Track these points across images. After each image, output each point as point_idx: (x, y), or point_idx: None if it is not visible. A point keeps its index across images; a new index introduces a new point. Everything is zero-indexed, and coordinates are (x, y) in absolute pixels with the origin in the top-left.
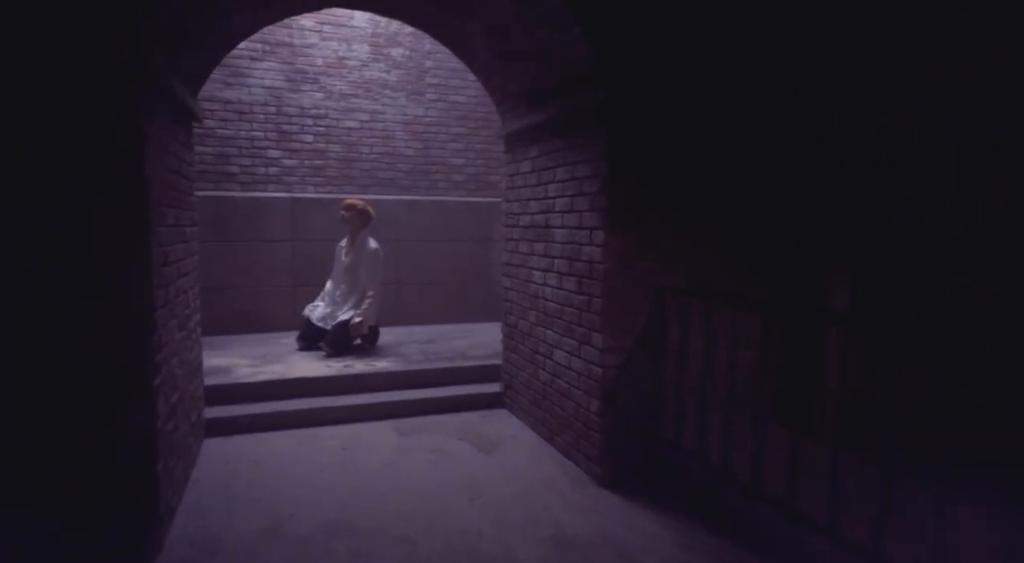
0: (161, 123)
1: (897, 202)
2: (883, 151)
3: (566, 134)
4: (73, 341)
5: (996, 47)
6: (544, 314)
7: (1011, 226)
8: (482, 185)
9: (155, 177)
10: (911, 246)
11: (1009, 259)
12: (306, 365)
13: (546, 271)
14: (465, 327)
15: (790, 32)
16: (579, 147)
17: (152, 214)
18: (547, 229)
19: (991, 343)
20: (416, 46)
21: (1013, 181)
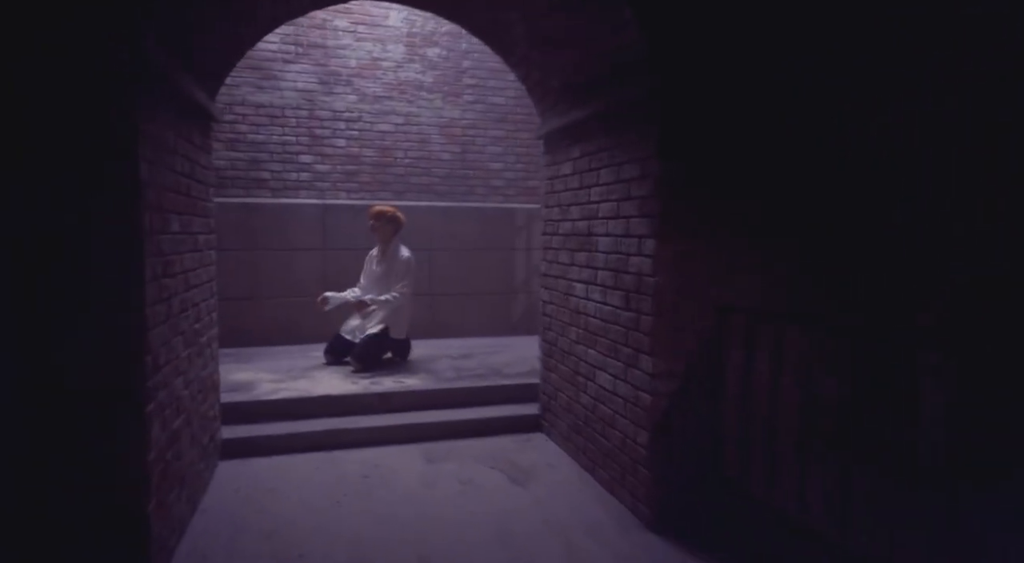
0: (165, 122)
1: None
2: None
3: (612, 131)
4: (58, 366)
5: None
6: (586, 331)
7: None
8: (522, 191)
9: (154, 180)
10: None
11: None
12: (331, 381)
13: (588, 284)
14: (503, 341)
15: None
16: (627, 145)
17: (148, 220)
18: (589, 237)
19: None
20: (453, 45)
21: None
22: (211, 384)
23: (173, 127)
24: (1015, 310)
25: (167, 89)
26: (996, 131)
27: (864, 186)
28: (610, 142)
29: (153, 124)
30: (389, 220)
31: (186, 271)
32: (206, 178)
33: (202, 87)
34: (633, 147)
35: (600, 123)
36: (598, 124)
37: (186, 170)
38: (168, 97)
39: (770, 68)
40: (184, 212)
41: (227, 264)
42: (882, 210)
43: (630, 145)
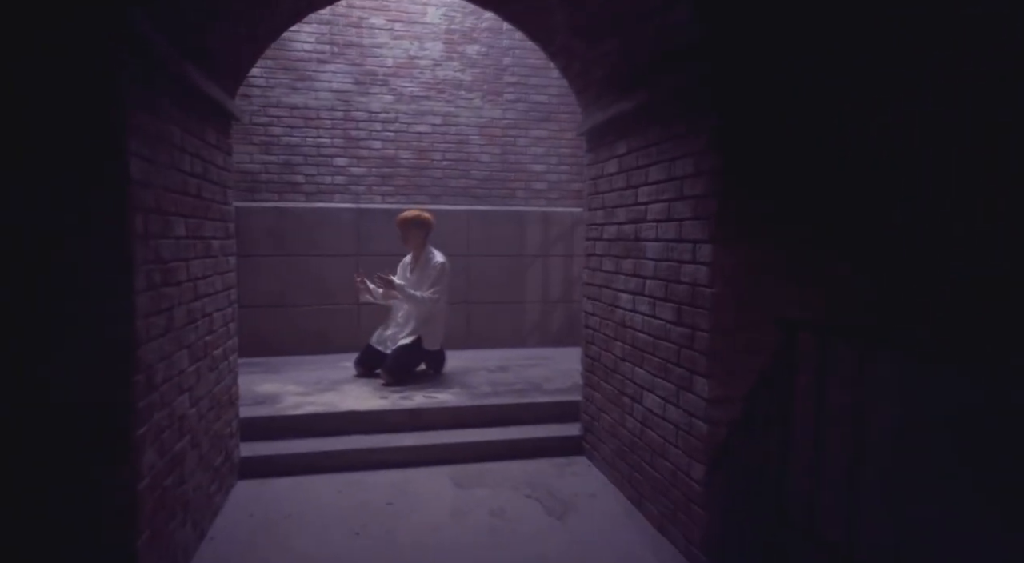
0: (168, 117)
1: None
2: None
3: (662, 123)
4: (43, 383)
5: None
6: (633, 347)
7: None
8: (565, 194)
9: (150, 179)
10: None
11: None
12: (360, 395)
13: (635, 294)
14: (543, 353)
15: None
16: (679, 138)
17: (141, 223)
18: (637, 242)
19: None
20: (494, 42)
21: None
22: (227, 399)
23: (180, 123)
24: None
25: (169, 80)
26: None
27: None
28: (660, 136)
29: (150, 117)
30: (417, 224)
31: (194, 279)
32: (223, 179)
33: (218, 83)
34: (686, 141)
35: (648, 115)
36: (646, 116)
37: (197, 170)
38: (172, 89)
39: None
40: (193, 215)
41: (258, 271)
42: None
43: (682, 138)
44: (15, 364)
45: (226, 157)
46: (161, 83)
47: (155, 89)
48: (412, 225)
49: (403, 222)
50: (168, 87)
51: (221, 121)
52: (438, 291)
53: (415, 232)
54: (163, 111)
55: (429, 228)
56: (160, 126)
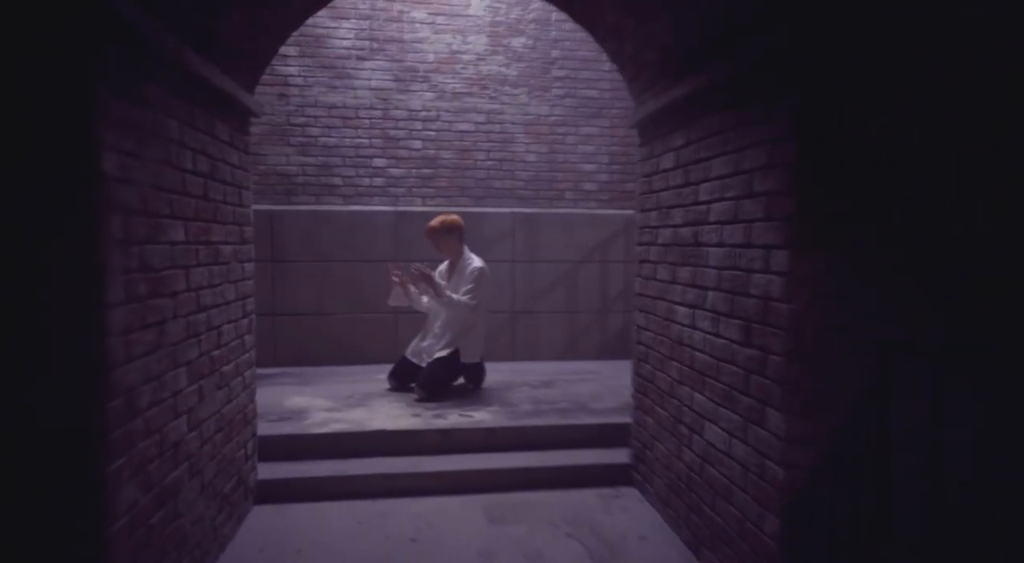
0: (162, 108)
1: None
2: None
3: (727, 108)
4: (11, 414)
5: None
6: (691, 369)
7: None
8: (617, 195)
9: (131, 176)
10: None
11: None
12: (390, 412)
13: (694, 308)
14: (592, 366)
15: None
16: (749, 125)
17: (119, 226)
18: (696, 248)
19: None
20: (541, 34)
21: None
22: (241, 419)
23: (180, 116)
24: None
25: (163, 67)
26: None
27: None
28: (725, 123)
29: (135, 108)
30: (447, 231)
31: (197, 289)
32: (238, 180)
33: (230, 74)
34: (757, 127)
35: (710, 100)
36: (708, 102)
37: (202, 168)
38: (168, 78)
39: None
40: (196, 218)
41: (294, 277)
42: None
43: (753, 125)
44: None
45: (242, 155)
46: (152, 70)
47: (144, 77)
48: (442, 233)
49: (432, 232)
50: (162, 75)
51: (235, 116)
52: (475, 296)
53: (446, 239)
54: (155, 102)
55: (461, 231)
56: (151, 118)
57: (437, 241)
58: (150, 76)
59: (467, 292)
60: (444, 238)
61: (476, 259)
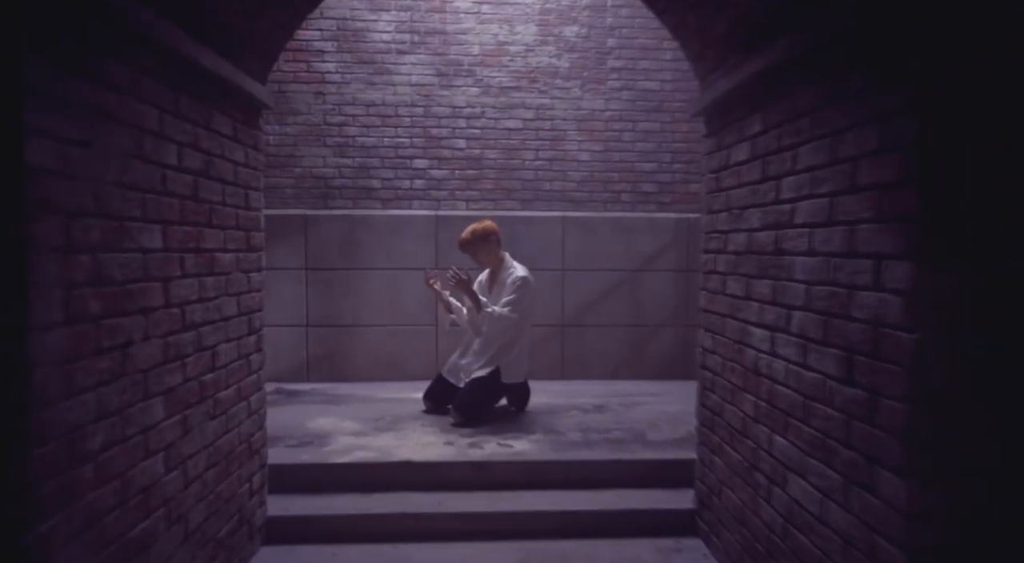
0: (132, 91)
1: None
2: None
3: (821, 80)
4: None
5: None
6: (770, 405)
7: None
8: (679, 197)
9: (74, 170)
10: None
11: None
12: (421, 439)
13: (775, 331)
14: (649, 387)
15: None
16: (850, 99)
17: (53, 230)
18: (778, 257)
19: None
20: (595, 21)
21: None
22: (244, 450)
23: (157, 102)
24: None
25: (129, 38)
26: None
27: None
28: (817, 99)
29: (86, 87)
30: (480, 238)
31: (181, 304)
32: (243, 179)
33: (231, 58)
34: (863, 101)
35: (797, 72)
36: (794, 74)
37: (193, 165)
38: (142, 56)
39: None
40: (180, 221)
41: (328, 286)
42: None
43: (857, 99)
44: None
45: (250, 152)
46: (115, 44)
47: (102, 50)
48: (477, 242)
49: (465, 244)
50: (131, 51)
51: (238, 107)
52: (517, 309)
53: (482, 247)
54: (119, 82)
55: (496, 236)
56: (112, 101)
57: (473, 253)
58: (113, 51)
59: (508, 303)
60: (480, 246)
61: (519, 268)
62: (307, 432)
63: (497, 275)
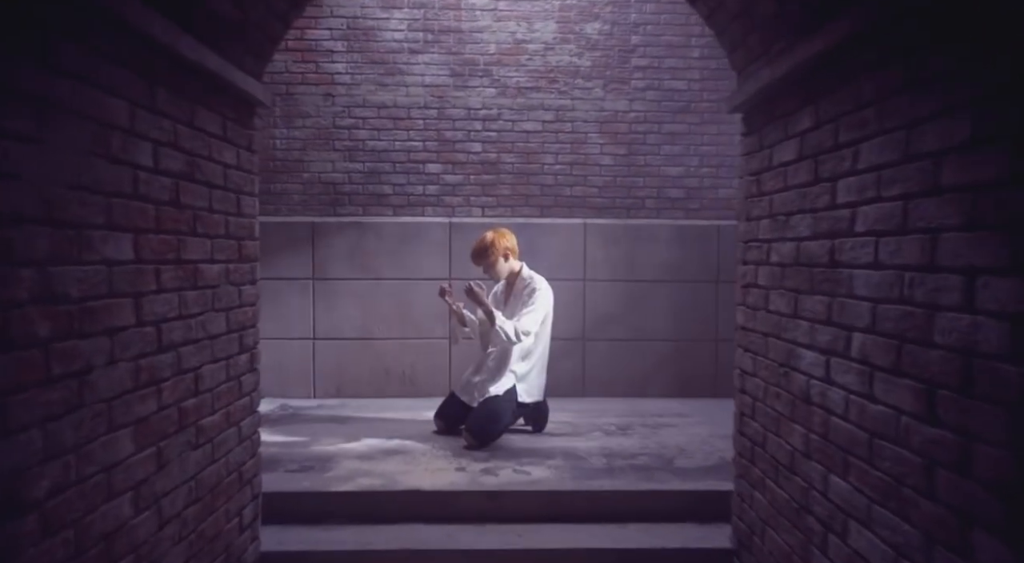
0: (93, 80)
1: None
2: None
3: (888, 65)
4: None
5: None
6: (825, 440)
7: None
8: (708, 203)
9: (15, 168)
10: None
11: None
12: (431, 463)
13: (831, 354)
14: (677, 406)
15: None
16: (929, 84)
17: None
18: (833, 269)
19: None
20: (618, 17)
21: None
22: (234, 481)
23: (126, 94)
24: None
25: (88, 18)
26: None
27: None
28: (886, 85)
29: (30, 73)
30: (489, 250)
31: (157, 321)
32: (234, 183)
33: (218, 49)
34: (949, 84)
35: (861, 55)
36: (857, 57)
37: (172, 166)
38: (100, 36)
39: None
40: (156, 229)
41: (336, 296)
42: None
43: (940, 81)
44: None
45: (243, 153)
46: (69, 22)
47: (51, 29)
48: (489, 253)
49: (478, 256)
50: (93, 33)
51: (228, 104)
52: (533, 322)
53: (495, 259)
54: (75, 68)
55: (505, 244)
56: (67, 90)
57: (487, 265)
58: (66, 31)
59: (524, 316)
60: (493, 258)
61: (537, 278)
62: (310, 455)
63: (513, 285)
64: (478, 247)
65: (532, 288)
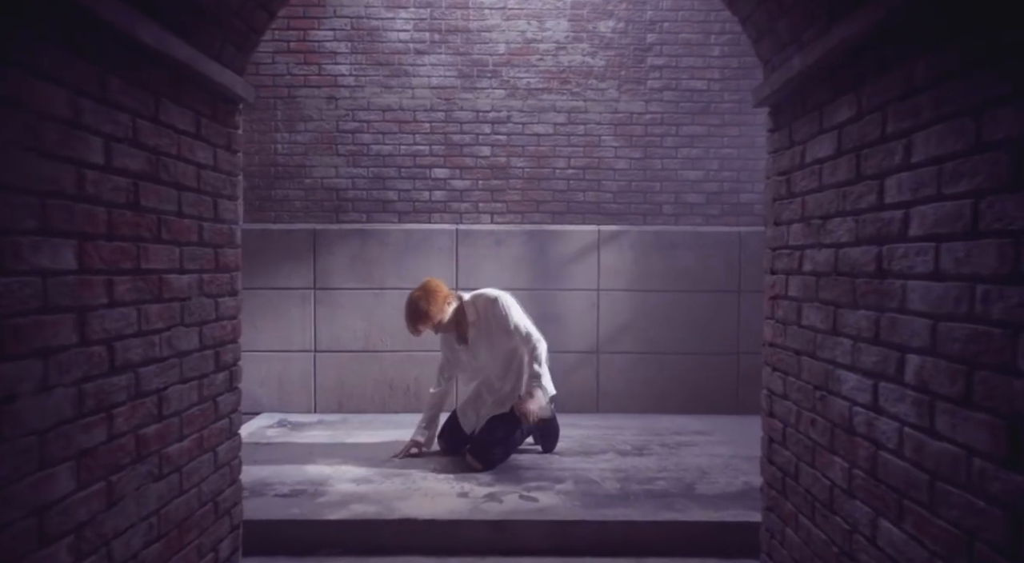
0: (17, 57)
1: None
2: None
3: (948, 41)
4: None
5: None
6: (872, 478)
7: None
8: (728, 208)
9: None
10: None
11: None
12: (432, 486)
13: (878, 378)
14: (695, 424)
15: None
16: (1003, 59)
17: None
18: (880, 280)
19: None
20: (633, 15)
21: None
22: (208, 513)
23: (67, 81)
24: None
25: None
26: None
27: None
28: (945, 64)
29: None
30: (429, 313)
31: (110, 339)
32: (210, 185)
33: (186, 36)
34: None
35: (914, 31)
36: (909, 35)
37: (130, 165)
38: (33, 8)
39: None
40: (104, 235)
41: (338, 307)
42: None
43: (1017, 53)
44: None
45: (221, 153)
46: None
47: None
48: (432, 315)
49: (420, 322)
50: (15, 3)
51: (203, 98)
52: (524, 325)
53: (440, 316)
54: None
55: (442, 294)
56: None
57: (435, 328)
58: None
59: (520, 332)
60: (435, 319)
61: (481, 297)
62: (303, 477)
63: (466, 323)
64: (416, 315)
65: (491, 312)
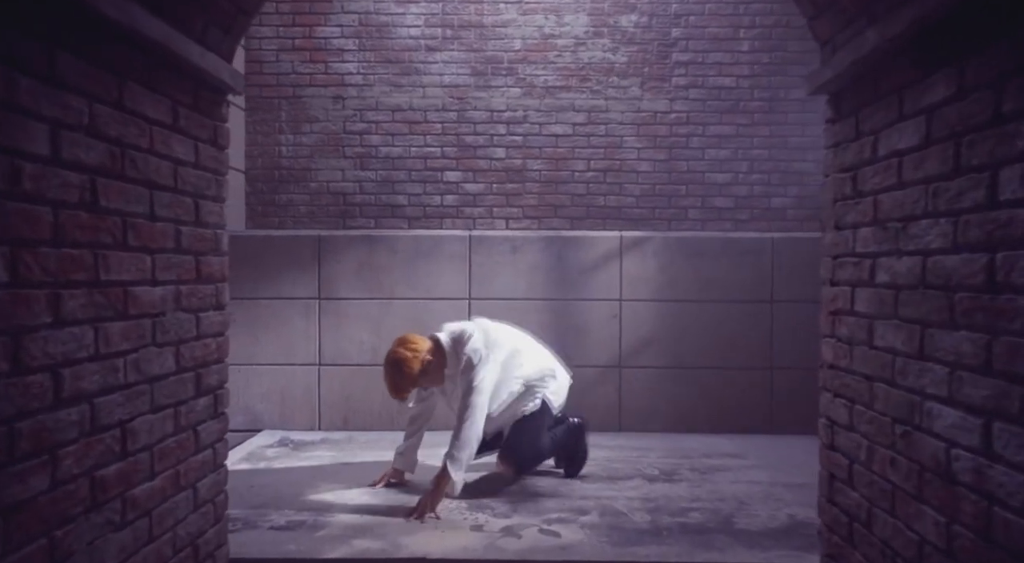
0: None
1: None
2: None
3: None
4: None
5: None
6: (985, 540)
7: None
8: (760, 213)
9: None
10: None
11: None
12: (443, 519)
13: (992, 416)
14: (729, 445)
15: None
16: None
17: None
18: (993, 295)
19: None
20: (657, 8)
21: None
22: (188, 558)
23: (3, 53)
24: None
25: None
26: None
27: None
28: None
29: None
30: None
31: (49, 367)
32: (190, 184)
33: (170, 19)
34: None
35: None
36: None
37: (88, 160)
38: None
39: None
40: (48, 241)
41: (344, 318)
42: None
43: None
44: None
45: (203, 148)
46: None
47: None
48: (418, 379)
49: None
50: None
51: (184, 87)
52: (475, 396)
53: (423, 376)
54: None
55: (422, 350)
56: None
57: (416, 382)
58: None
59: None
60: (421, 380)
61: (466, 354)
62: (302, 504)
63: (441, 374)
64: (399, 381)
65: (464, 365)
